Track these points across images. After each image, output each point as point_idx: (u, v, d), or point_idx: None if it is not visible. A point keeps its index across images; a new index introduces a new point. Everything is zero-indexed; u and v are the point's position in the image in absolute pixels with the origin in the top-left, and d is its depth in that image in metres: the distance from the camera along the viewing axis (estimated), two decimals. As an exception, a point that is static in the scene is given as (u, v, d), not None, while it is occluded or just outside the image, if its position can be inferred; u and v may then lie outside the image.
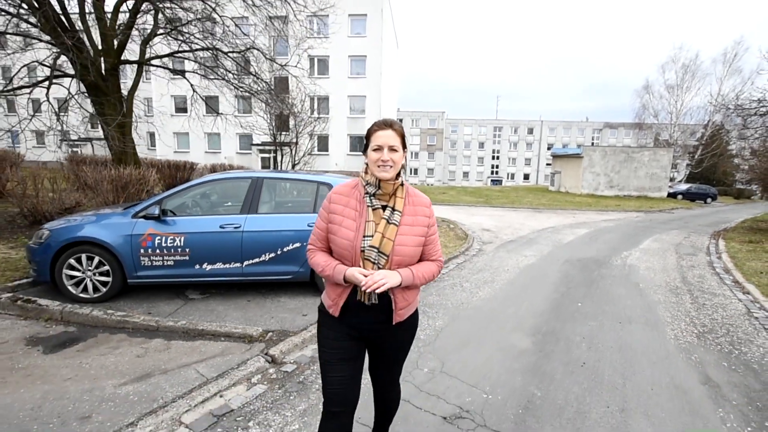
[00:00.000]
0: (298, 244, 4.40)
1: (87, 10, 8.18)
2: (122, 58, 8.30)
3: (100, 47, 8.38)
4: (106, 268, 4.20)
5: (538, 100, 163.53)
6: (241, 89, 9.37)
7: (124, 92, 9.26)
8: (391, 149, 1.53)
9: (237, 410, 2.52)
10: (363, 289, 1.46)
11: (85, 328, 3.70)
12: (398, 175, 1.60)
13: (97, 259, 4.18)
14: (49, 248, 4.13)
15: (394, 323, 1.62)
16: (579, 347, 3.61)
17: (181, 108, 31.95)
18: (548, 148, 61.92)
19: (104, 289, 4.22)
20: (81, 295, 4.20)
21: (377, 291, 1.44)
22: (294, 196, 5.17)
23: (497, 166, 70.07)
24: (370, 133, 1.58)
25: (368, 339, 1.68)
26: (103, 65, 8.25)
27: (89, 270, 4.20)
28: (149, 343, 3.44)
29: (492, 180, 67.89)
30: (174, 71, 9.18)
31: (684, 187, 30.84)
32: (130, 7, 7.92)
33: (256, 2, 8.81)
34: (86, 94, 8.23)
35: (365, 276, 1.47)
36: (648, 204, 22.74)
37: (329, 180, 4.70)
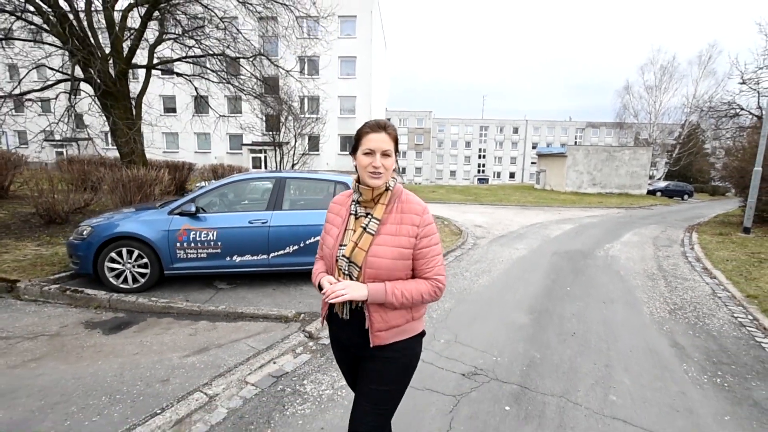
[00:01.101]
0: (318, 238, 4.88)
1: (96, 19, 8.46)
2: (132, 62, 8.61)
3: (107, 52, 8.67)
4: (145, 260, 4.61)
5: (522, 100, 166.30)
6: (244, 92, 9.76)
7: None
8: (384, 154, 1.41)
9: (291, 373, 3.01)
10: (324, 299, 1.38)
11: (133, 314, 4.12)
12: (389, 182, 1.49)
13: (136, 252, 4.59)
14: (92, 243, 4.53)
15: (371, 345, 1.44)
16: (570, 322, 4.20)
17: (169, 108, 31.88)
18: (533, 147, 63.36)
19: (143, 280, 4.64)
20: (121, 285, 4.60)
21: (333, 301, 1.34)
22: (313, 193, 5.63)
23: (483, 165, 71.29)
24: (360, 134, 1.44)
25: (358, 358, 1.55)
26: (112, 70, 8.55)
27: (129, 263, 4.60)
28: (196, 324, 3.89)
29: (479, 179, 69.06)
30: (178, 74, 9.49)
31: (662, 184, 32.17)
32: (141, 14, 8.23)
33: (258, 9, 9.22)
34: (97, 98, 8.50)
35: (330, 284, 1.40)
36: (629, 201, 23.79)
37: (345, 179, 5.20)
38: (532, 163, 60.72)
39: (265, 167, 31.45)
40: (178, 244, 4.62)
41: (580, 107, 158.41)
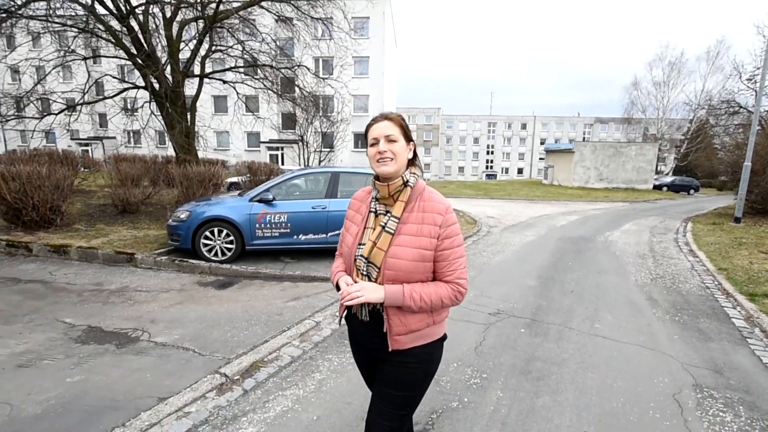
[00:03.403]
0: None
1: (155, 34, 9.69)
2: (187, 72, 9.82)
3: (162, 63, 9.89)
4: (231, 238, 5.82)
5: (530, 95, 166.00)
6: (282, 96, 10.94)
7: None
8: (388, 140, 1.36)
9: (365, 311, 4.19)
10: (340, 300, 1.37)
11: (229, 278, 5.34)
12: (407, 177, 1.41)
13: (225, 231, 5.80)
14: (191, 224, 5.75)
15: (390, 349, 1.39)
16: (569, 284, 5.33)
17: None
18: (541, 143, 64.01)
19: (229, 254, 5.85)
20: (212, 258, 5.82)
21: (349, 304, 1.31)
22: (360, 184, 6.77)
23: (492, 161, 72.03)
24: (366, 128, 1.43)
25: (378, 360, 1.50)
26: (170, 79, 9.78)
27: (219, 240, 5.82)
28: (281, 284, 5.10)
29: (487, 174, 69.82)
30: (224, 81, 10.70)
31: (668, 179, 32.90)
32: (198, 30, 9.42)
33: (296, 23, 10.38)
34: (157, 103, 9.74)
35: (347, 285, 1.36)
36: (634, 195, 24.65)
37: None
38: (540, 158, 61.37)
39: (282, 164, 32.74)
40: (257, 225, 5.83)
41: (588, 102, 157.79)
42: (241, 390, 2.75)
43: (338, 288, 1.44)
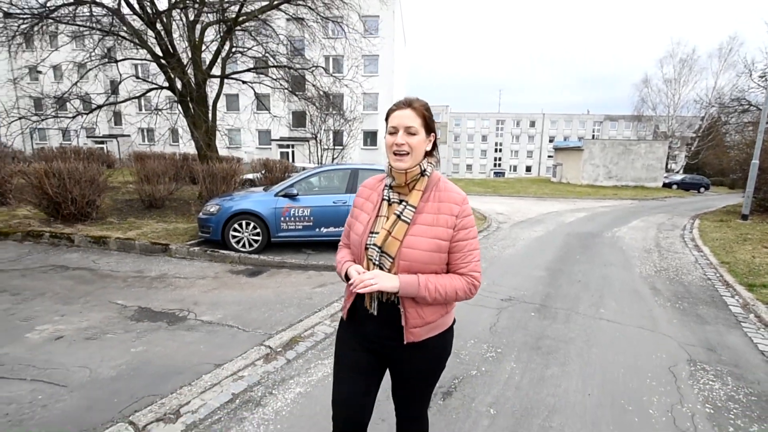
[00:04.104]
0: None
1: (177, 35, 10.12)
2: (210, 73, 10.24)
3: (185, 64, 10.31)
4: (258, 230, 6.22)
5: (539, 93, 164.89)
6: (298, 95, 11.33)
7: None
8: (408, 132, 1.31)
9: (387, 296, 4.55)
10: (351, 288, 1.33)
11: (257, 267, 5.74)
12: (424, 166, 1.38)
13: (252, 224, 6.20)
14: (221, 217, 6.16)
15: (405, 342, 1.36)
16: (576, 275, 5.65)
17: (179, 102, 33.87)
18: (550, 141, 63.81)
19: (256, 245, 6.25)
20: (240, 248, 6.22)
21: (362, 291, 1.25)
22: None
23: (500, 159, 71.94)
24: (387, 114, 1.37)
25: (383, 355, 1.46)
26: (193, 80, 10.20)
27: (246, 232, 6.22)
28: (307, 272, 5.48)
29: (495, 172, 69.77)
30: (244, 81, 11.11)
31: (678, 177, 32.77)
32: (221, 33, 9.83)
33: (311, 24, 10.74)
34: (180, 103, 10.17)
35: (359, 274, 1.30)
36: (643, 193, 24.70)
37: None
38: (549, 156, 61.21)
39: (293, 161, 33.23)
40: (282, 218, 6.22)
41: (598, 99, 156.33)
42: (285, 359, 3.13)
43: (347, 278, 1.38)
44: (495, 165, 71.81)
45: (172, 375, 2.88)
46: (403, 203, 1.36)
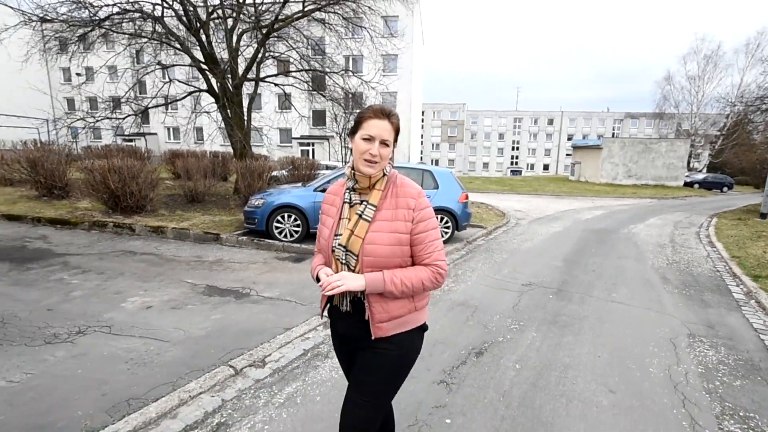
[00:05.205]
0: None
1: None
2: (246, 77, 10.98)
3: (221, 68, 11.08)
4: (298, 222, 6.87)
5: (557, 89, 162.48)
6: (326, 97, 11.99)
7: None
8: (383, 143, 1.37)
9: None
10: (321, 291, 1.37)
11: (300, 254, 6.39)
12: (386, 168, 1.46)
13: (293, 216, 6.85)
14: (265, 210, 6.83)
15: (373, 338, 1.41)
16: (591, 266, 6.12)
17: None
18: (569, 139, 63.20)
19: (296, 235, 6.90)
20: (282, 239, 6.89)
21: (330, 293, 1.32)
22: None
23: (517, 157, 71.54)
24: (362, 118, 1.39)
25: (359, 350, 1.51)
26: (229, 83, 10.95)
27: (288, 223, 6.88)
28: (344, 260, 6.10)
29: (511, 171, 69.46)
30: (276, 84, 11.83)
31: (700, 176, 32.35)
32: (257, 39, 10.55)
33: (339, 29, 11.37)
34: (218, 106, 10.94)
35: (327, 276, 1.37)
36: (663, 192, 24.60)
37: (430, 168, 7.27)
38: (567, 155, 60.68)
39: (313, 158, 34.06)
40: (320, 211, 6.84)
41: (619, 97, 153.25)
42: (340, 326, 3.74)
43: (318, 280, 1.44)
44: (512, 163, 71.46)
45: (251, 335, 3.53)
46: (364, 203, 1.43)
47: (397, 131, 1.42)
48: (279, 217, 6.86)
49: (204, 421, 2.40)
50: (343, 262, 1.42)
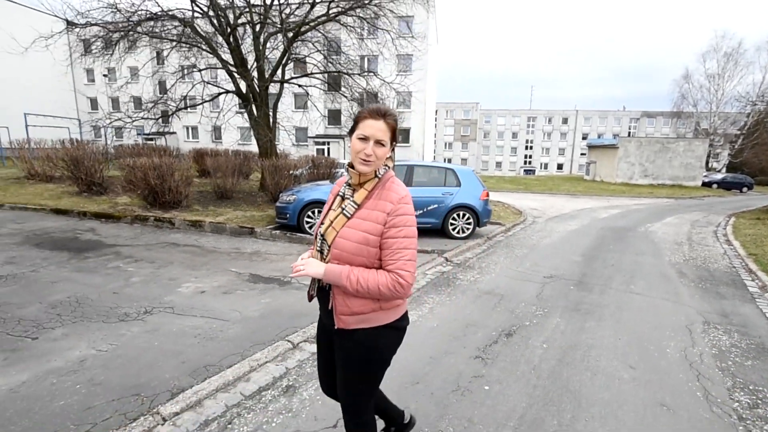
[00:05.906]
0: (435, 205, 7.33)
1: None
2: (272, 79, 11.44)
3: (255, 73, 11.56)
4: (327, 217, 7.26)
5: (572, 88, 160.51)
6: (347, 97, 12.40)
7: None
8: (378, 143, 1.41)
9: (449, 271, 5.46)
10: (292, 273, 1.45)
11: (330, 248, 6.78)
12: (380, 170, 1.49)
13: (317, 211, 7.24)
14: (297, 206, 7.24)
15: (336, 327, 1.49)
16: (610, 261, 6.38)
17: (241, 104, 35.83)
18: (583, 138, 62.59)
19: (325, 230, 7.29)
20: (312, 232, 7.27)
21: (293, 275, 1.43)
22: (430, 176, 8.04)
23: (530, 156, 71.13)
24: (359, 117, 1.44)
25: (333, 336, 1.59)
26: (256, 85, 11.42)
27: (318, 218, 7.28)
28: (373, 253, 6.47)
29: (525, 170, 69.11)
30: (300, 86, 12.27)
31: (719, 176, 31.91)
32: (284, 43, 11.00)
33: (359, 31, 11.73)
34: (244, 106, 11.41)
35: (301, 259, 1.47)
36: (680, 192, 24.41)
37: (452, 167, 7.59)
38: (582, 154, 60.16)
39: (329, 156, 34.57)
40: (348, 208, 7.24)
41: (634, 95, 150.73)
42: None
43: None
44: (525, 162, 71.08)
45: (300, 316, 3.91)
46: (349, 199, 1.50)
47: (393, 131, 1.45)
48: (309, 212, 7.26)
49: (273, 384, 2.79)
50: (319, 249, 1.51)
